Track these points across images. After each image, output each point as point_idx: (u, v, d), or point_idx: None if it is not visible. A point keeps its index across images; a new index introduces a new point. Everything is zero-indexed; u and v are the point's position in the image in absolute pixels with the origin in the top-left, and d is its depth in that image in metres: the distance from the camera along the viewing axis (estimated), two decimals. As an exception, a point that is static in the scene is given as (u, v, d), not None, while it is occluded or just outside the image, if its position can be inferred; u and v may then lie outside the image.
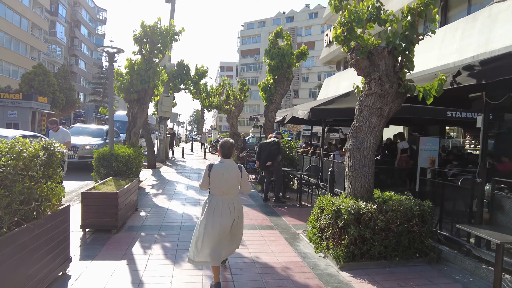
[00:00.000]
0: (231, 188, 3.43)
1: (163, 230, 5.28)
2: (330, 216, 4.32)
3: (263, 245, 4.84)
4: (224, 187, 3.38)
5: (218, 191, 3.41)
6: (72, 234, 3.86)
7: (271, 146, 7.65)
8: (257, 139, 25.58)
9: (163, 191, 8.70)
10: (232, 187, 3.43)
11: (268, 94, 8.58)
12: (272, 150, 7.59)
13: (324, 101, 9.13)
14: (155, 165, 14.11)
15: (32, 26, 39.28)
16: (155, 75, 9.46)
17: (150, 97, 9.74)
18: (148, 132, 14.36)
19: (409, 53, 4.52)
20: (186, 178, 11.41)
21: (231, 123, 15.05)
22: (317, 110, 8.19)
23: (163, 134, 16.27)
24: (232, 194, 3.46)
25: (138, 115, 9.52)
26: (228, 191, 3.41)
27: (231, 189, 3.43)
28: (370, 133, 4.63)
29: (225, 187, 3.39)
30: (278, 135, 8.00)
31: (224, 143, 3.49)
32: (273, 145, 7.68)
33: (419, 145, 7.60)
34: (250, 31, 70.27)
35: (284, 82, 8.57)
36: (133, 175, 8.10)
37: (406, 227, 4.29)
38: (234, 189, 3.47)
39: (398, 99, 4.61)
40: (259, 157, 7.87)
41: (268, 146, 7.75)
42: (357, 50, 4.69)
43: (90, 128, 14.37)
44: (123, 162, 7.59)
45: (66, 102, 28.72)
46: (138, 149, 9.13)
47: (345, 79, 17.63)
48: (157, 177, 11.23)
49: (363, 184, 4.60)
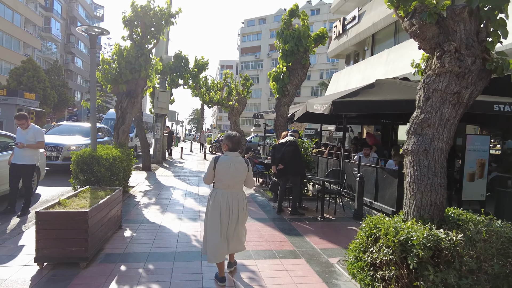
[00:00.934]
0: (237, 183, 3.36)
1: (152, 261, 3.92)
2: (392, 249, 2.96)
3: (290, 285, 3.47)
4: (229, 181, 3.30)
5: (223, 185, 3.33)
6: (21, 270, 2.50)
7: (287, 147, 6.30)
8: (260, 138, 24.20)
9: (156, 200, 7.35)
10: (238, 181, 3.35)
11: (280, 85, 7.19)
12: (287, 151, 6.24)
13: (344, 93, 7.79)
14: (150, 167, 12.76)
15: (26, 22, 37.89)
16: (147, 63, 8.11)
17: (141, 89, 8.37)
18: (142, 130, 13.00)
19: (500, 13, 3.16)
20: (184, 182, 10.06)
21: (233, 120, 13.69)
22: (340, 104, 6.84)
23: (159, 133, 14.91)
24: (237, 188, 3.39)
25: (127, 110, 8.16)
26: (233, 185, 3.34)
27: (237, 183, 3.37)
28: (442, 129, 3.27)
29: (230, 181, 3.30)
30: (295, 134, 6.66)
31: (232, 136, 3.40)
32: (289, 145, 6.33)
33: (465, 145, 6.28)
34: (250, 28, 68.87)
35: (299, 70, 7.18)
36: (120, 182, 6.74)
37: (504, 266, 2.93)
38: (240, 183, 3.40)
39: (482, 80, 3.25)
40: (274, 160, 6.51)
41: (283, 147, 6.40)
42: (420, 12, 3.33)
43: (80, 126, 13.00)
44: (107, 166, 6.23)
45: (59, 100, 27.34)
46: (127, 150, 7.78)
47: (356, 73, 16.28)
48: (151, 182, 9.87)
49: (433, 201, 3.24)
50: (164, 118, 15.35)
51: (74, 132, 11.87)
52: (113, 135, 8.38)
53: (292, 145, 6.30)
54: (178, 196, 7.88)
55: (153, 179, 10.35)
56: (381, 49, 15.51)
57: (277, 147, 6.60)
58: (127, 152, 7.64)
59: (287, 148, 6.27)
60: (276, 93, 7.31)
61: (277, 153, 6.42)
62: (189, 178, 11.03)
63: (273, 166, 6.58)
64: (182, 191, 8.62)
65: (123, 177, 6.94)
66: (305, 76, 7.29)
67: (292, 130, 6.78)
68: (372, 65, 14.96)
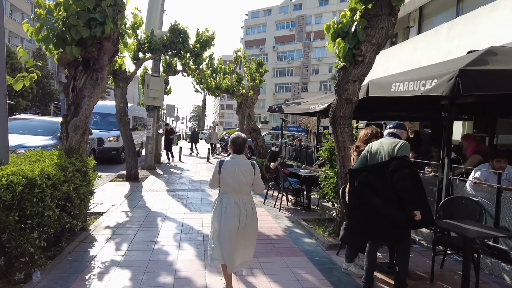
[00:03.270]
0: (243, 186, 3.11)
1: None
2: None
3: None
4: (235, 185, 3.07)
5: (229, 189, 3.10)
6: None
7: (397, 169, 2.96)
8: (272, 137, 20.86)
9: (128, 250, 4.10)
10: (244, 185, 3.10)
11: (349, 44, 3.89)
12: (399, 178, 2.92)
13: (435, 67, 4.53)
14: (137, 176, 9.51)
15: (12, 9, 34.66)
16: (117, 13, 4.83)
17: (109, 58, 5.08)
18: (127, 126, 9.75)
19: None
20: (180, 204, 6.81)
21: (247, 113, 10.41)
22: (475, 75, 3.58)
23: (151, 130, 11.64)
24: (244, 193, 3.15)
25: (86, 91, 4.87)
26: (240, 190, 3.10)
27: (243, 187, 3.11)
28: None
29: (236, 185, 3.08)
30: (400, 131, 3.40)
31: (235, 138, 3.15)
32: (400, 166, 2.97)
33: None
34: (254, 20, 65.42)
35: (384, 18, 3.89)
36: (50, 230, 3.45)
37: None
38: (247, 187, 3.15)
39: None
40: (371, 196, 3.14)
41: (381, 167, 3.10)
42: None
43: (40, 121, 9.72)
44: (8, 202, 2.93)
45: (43, 94, 24.09)
46: (82, 160, 4.51)
47: (400, 56, 12.95)
48: (132, 203, 6.62)
49: None
50: (157, 111, 12.09)
51: (28, 129, 8.63)
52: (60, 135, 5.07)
53: (405, 166, 2.96)
54: (168, 238, 4.61)
55: (136, 198, 7.09)
56: (433, 24, 12.21)
57: (369, 164, 3.29)
58: (82, 164, 4.38)
59: (398, 172, 2.94)
60: (341, 58, 4.03)
61: (374, 177, 3.09)
62: (188, 194, 7.76)
63: (350, 198, 3.29)
64: (177, 224, 5.36)
65: (61, 222, 3.65)
66: (393, 30, 4.02)
67: (396, 125, 3.47)
68: (424, 44, 11.64)
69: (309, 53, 56.60)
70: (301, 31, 57.68)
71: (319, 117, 10.00)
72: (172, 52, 10.26)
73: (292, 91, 57.82)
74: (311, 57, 56.66)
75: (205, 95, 59.01)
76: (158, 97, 11.12)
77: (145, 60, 10.25)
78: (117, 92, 9.79)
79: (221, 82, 10.70)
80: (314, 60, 56.41)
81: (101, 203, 6.44)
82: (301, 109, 10.16)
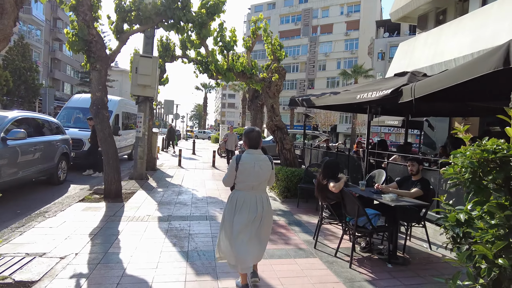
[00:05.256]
0: (262, 183, 2.99)
1: None
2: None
3: None
4: (254, 182, 2.93)
5: (246, 186, 2.94)
6: None
7: None
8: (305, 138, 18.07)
9: None
10: (263, 181, 2.99)
11: None
12: None
13: None
14: (119, 192, 6.81)
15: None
16: None
17: None
18: (106, 124, 7.01)
19: None
20: (179, 251, 4.06)
21: (270, 105, 7.67)
22: None
23: (141, 129, 8.91)
24: (261, 189, 3.03)
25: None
26: (258, 186, 2.97)
27: (261, 184, 3.00)
28: None
29: (255, 182, 2.93)
30: None
31: (250, 132, 3.01)
32: None
33: None
34: (258, 14, 62.42)
35: None
36: None
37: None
38: (264, 183, 3.03)
39: None
40: None
41: None
42: None
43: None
44: None
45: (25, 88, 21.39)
46: None
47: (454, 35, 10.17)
48: (95, 253, 3.86)
49: None
50: (150, 104, 9.35)
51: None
52: None
53: None
54: None
55: (107, 238, 4.35)
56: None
57: None
58: None
59: None
60: None
61: None
62: (191, 228, 5.00)
63: None
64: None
65: None
66: None
67: None
68: (497, 16, 8.87)
69: (316, 48, 53.78)
70: (307, 25, 54.85)
71: (371, 110, 7.24)
72: (169, 23, 7.52)
73: (298, 88, 55.03)
74: (317, 52, 53.82)
75: (207, 92, 56.27)
76: (150, 85, 8.38)
77: (131, 33, 7.51)
78: (93, 76, 7.07)
79: (235, 62, 7.90)
80: (321, 56, 53.61)
81: (42, 253, 3.72)
82: (341, 100, 7.34)
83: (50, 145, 7.73)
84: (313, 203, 6.84)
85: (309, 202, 6.94)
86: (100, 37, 6.92)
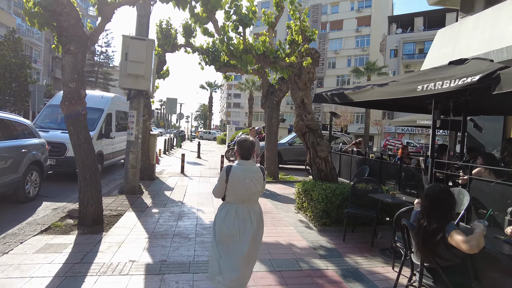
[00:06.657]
0: (253, 195, 2.78)
1: None
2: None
3: None
4: (245, 194, 2.73)
5: (236, 198, 2.75)
6: None
7: None
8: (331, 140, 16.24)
9: None
10: (255, 193, 2.77)
11: None
12: None
13: None
14: (99, 217, 5.01)
15: None
16: None
17: None
18: (79, 124, 5.19)
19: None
20: None
21: (299, 99, 5.81)
22: None
23: (133, 131, 7.11)
24: (253, 201, 2.82)
25: None
26: (249, 198, 2.76)
27: (253, 196, 2.78)
28: None
29: (246, 194, 2.73)
30: None
31: (243, 141, 2.84)
32: None
33: None
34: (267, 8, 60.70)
35: None
36: None
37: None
38: (256, 195, 2.82)
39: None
40: None
41: None
42: None
43: None
44: None
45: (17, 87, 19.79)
46: None
47: None
48: None
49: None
50: (144, 100, 7.56)
51: None
52: None
53: None
54: None
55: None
56: None
57: None
58: None
59: None
60: None
61: None
62: (194, 284, 3.19)
63: None
64: None
65: None
66: None
67: None
68: None
69: (325, 45, 51.78)
70: (316, 22, 52.82)
71: (437, 107, 5.31)
72: (166, -8, 5.68)
73: (306, 87, 53.01)
74: (327, 49, 51.79)
75: (212, 91, 54.55)
76: (143, 75, 6.57)
77: (118, 6, 5.69)
78: (66, 61, 5.32)
79: (255, 43, 6.02)
80: (331, 53, 51.59)
81: None
82: (392, 93, 5.38)
83: (12, 152, 5.96)
84: (362, 233, 4.98)
85: (355, 231, 5.09)
86: (73, 7, 5.12)
